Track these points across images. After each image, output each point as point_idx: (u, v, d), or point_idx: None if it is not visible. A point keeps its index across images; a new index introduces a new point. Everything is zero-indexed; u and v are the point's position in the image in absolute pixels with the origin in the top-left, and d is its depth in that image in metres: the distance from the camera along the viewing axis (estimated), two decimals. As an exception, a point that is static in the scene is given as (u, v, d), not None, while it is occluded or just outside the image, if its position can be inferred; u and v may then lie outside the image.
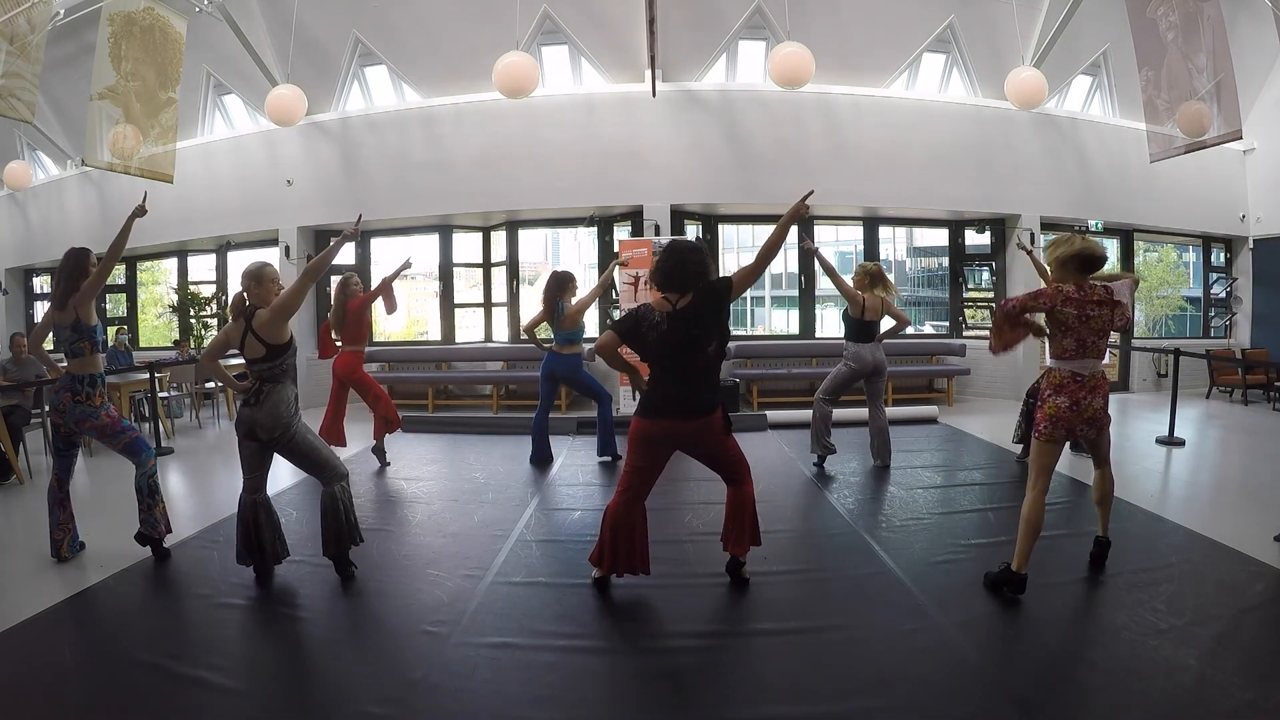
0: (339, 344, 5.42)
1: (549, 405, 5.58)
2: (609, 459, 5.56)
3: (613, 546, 3.02)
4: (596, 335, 5.43)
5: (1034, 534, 2.93)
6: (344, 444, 5.51)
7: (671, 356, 2.87)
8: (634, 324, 2.90)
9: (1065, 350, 2.96)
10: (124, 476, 5.37)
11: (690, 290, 2.88)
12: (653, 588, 3.11)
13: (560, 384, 5.81)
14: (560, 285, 5.28)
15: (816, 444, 5.24)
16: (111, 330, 9.50)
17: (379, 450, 5.58)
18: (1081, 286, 2.94)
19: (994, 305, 9.32)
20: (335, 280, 6.03)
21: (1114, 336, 3.20)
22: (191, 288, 10.31)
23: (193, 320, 10.08)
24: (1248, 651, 2.50)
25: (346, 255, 9.69)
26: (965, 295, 9.57)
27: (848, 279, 5.21)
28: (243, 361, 3.21)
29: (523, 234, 9.52)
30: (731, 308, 2.97)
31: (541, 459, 5.58)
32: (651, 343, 2.87)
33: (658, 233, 8.31)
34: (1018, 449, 5.58)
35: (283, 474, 4.81)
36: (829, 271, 5.15)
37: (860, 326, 5.12)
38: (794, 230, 10.20)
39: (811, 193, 3.25)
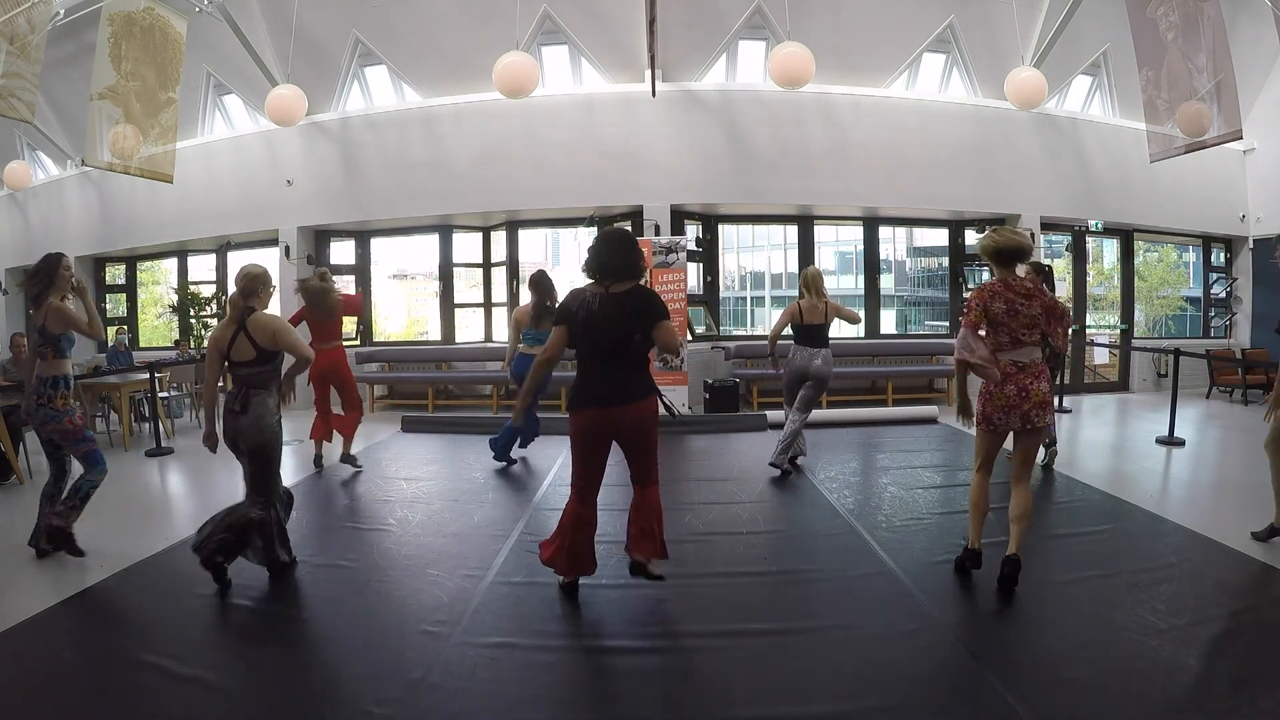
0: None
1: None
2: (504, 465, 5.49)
3: (566, 547, 2.96)
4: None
5: (982, 514, 3.17)
6: (330, 440, 5.54)
7: (600, 338, 2.83)
8: (567, 308, 2.90)
9: (1000, 344, 2.99)
10: (123, 478, 5.40)
11: (628, 282, 2.87)
12: (653, 588, 3.11)
13: None
14: (550, 285, 5.35)
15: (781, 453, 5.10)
16: (111, 330, 9.49)
17: (349, 458, 5.46)
18: (1007, 280, 2.98)
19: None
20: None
21: (1114, 335, 3.24)
22: (191, 288, 10.31)
23: (192, 320, 10.07)
24: (1247, 651, 2.50)
25: (346, 254, 9.72)
26: (965, 295, 9.56)
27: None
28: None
29: (522, 234, 9.52)
30: (731, 308, 2.94)
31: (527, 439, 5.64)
32: (580, 320, 2.84)
33: (658, 232, 8.29)
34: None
35: (285, 473, 4.79)
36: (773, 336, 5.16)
37: (800, 331, 5.06)
38: (794, 229, 9.99)
39: None
